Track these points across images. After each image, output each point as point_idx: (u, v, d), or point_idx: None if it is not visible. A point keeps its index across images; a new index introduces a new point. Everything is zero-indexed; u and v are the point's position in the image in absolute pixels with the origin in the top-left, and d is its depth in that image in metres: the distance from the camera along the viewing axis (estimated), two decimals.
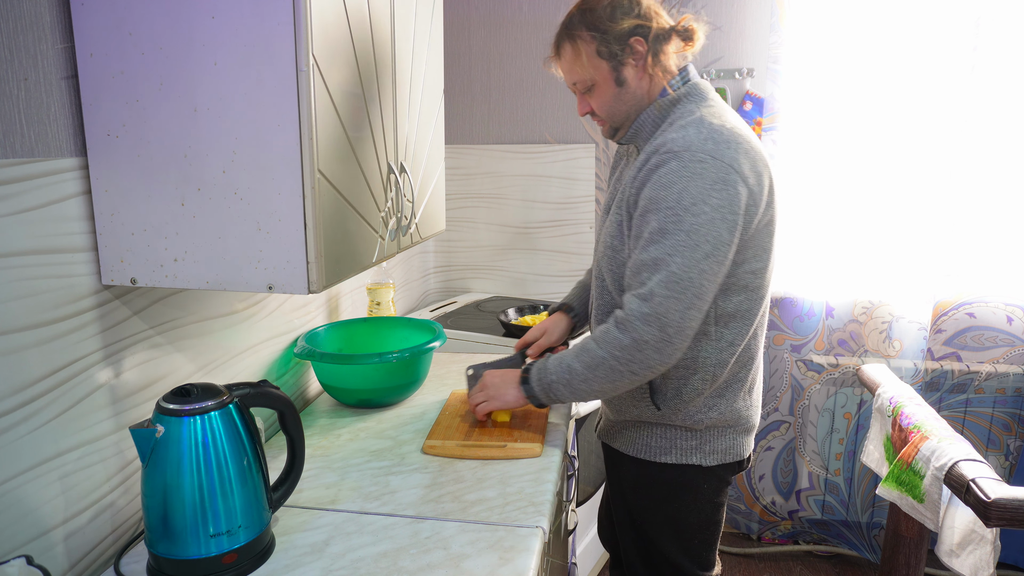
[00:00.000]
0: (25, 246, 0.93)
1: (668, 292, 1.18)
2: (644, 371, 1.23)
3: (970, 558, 1.50)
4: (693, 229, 1.18)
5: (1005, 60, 2.19)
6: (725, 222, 1.19)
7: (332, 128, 1.06)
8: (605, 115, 1.37)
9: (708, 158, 1.19)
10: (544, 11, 2.55)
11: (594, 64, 1.31)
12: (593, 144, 2.59)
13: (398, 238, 1.39)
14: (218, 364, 1.37)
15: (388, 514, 1.19)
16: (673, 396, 1.34)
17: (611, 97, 1.33)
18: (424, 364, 1.68)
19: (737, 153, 1.22)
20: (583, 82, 1.34)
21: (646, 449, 1.39)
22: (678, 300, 1.18)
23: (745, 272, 1.28)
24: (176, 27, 0.97)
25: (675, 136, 1.24)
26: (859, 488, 2.56)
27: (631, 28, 1.28)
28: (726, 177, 1.19)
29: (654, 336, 1.20)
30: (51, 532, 1.00)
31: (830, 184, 2.38)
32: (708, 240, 1.18)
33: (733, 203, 1.20)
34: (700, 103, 1.30)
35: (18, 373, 0.93)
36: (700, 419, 1.35)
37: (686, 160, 1.20)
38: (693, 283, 1.18)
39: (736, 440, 1.39)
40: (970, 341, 2.42)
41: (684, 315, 1.19)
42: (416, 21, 1.47)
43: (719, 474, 1.40)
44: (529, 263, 2.72)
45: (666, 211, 1.19)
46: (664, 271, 1.19)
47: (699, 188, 1.18)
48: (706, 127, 1.23)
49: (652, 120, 1.33)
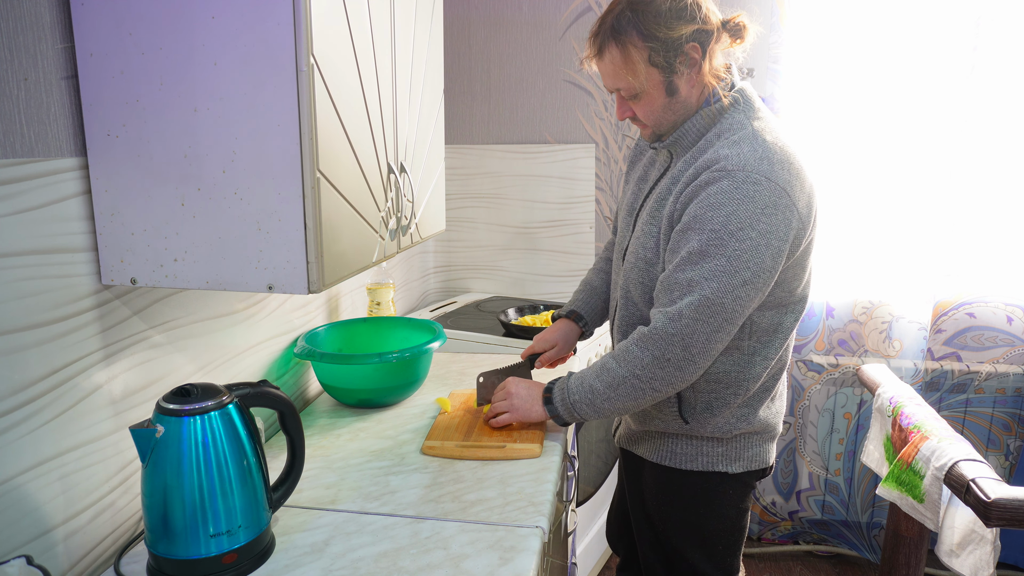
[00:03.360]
0: (25, 246, 0.93)
1: (698, 315, 1.14)
2: (666, 388, 1.21)
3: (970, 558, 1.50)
4: (735, 255, 1.13)
5: (1005, 60, 2.19)
6: (770, 248, 1.14)
7: (332, 128, 1.06)
8: (652, 123, 1.28)
9: (763, 179, 1.13)
10: (544, 11, 2.55)
11: (647, 73, 1.20)
12: (593, 144, 2.59)
13: (398, 238, 1.39)
14: (218, 364, 1.37)
15: (388, 514, 1.19)
16: (703, 410, 1.31)
17: (660, 107, 1.24)
18: (424, 364, 1.68)
19: (791, 175, 1.16)
20: (629, 89, 1.23)
21: (671, 456, 1.37)
22: (707, 324, 1.15)
23: (783, 291, 1.25)
24: (176, 27, 0.97)
25: (728, 153, 1.17)
26: (859, 488, 2.56)
27: (689, 35, 1.17)
28: (778, 201, 1.14)
29: (677, 356, 1.17)
30: (51, 532, 1.00)
31: (830, 184, 2.38)
32: (749, 267, 1.13)
33: (781, 229, 1.15)
34: (750, 114, 1.24)
35: (18, 373, 0.93)
36: (729, 429, 1.32)
37: (739, 180, 1.13)
38: (726, 308, 1.14)
39: (762, 447, 1.37)
40: (970, 341, 2.42)
41: (711, 338, 1.16)
42: (416, 21, 1.47)
43: (744, 480, 1.37)
44: (529, 263, 2.72)
45: (710, 233, 1.14)
46: (697, 294, 1.14)
47: (749, 212, 1.12)
48: (760, 145, 1.17)
49: (697, 128, 1.25)
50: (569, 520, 1.75)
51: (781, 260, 1.17)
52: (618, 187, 2.60)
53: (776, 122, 1.26)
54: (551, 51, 2.56)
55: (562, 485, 1.54)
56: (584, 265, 2.66)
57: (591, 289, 1.63)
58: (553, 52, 2.56)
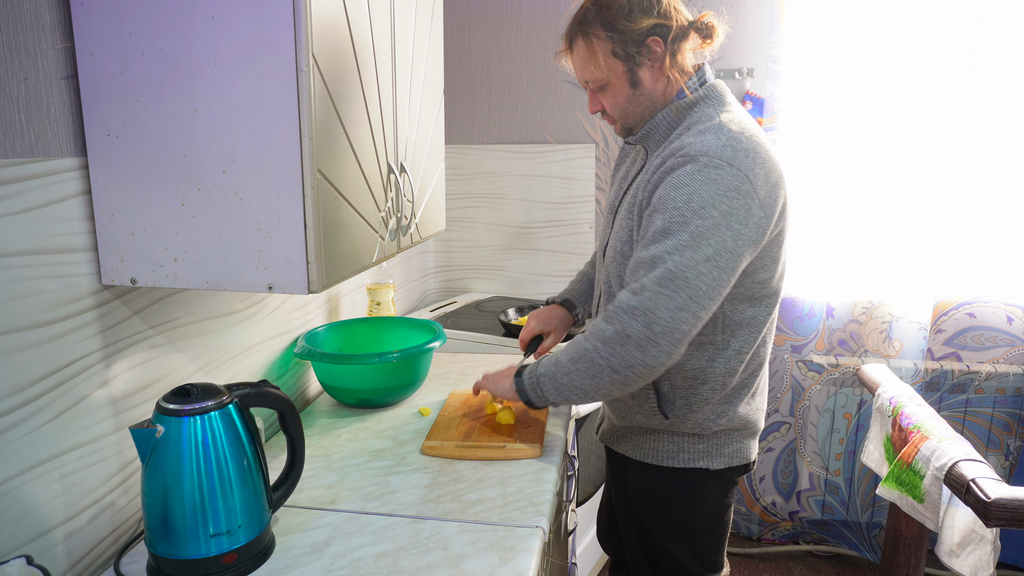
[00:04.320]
0: (25, 246, 0.93)
1: (660, 288, 1.15)
2: (625, 370, 1.18)
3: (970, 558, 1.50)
4: (697, 232, 1.15)
5: (1005, 60, 2.19)
6: (731, 230, 1.16)
7: (332, 128, 1.06)
8: (618, 115, 1.33)
9: (725, 165, 1.16)
10: (544, 11, 2.55)
11: (609, 64, 1.26)
12: (593, 144, 2.59)
13: (398, 238, 1.39)
14: (218, 364, 1.37)
15: (388, 514, 1.19)
16: (682, 405, 1.32)
17: (625, 98, 1.29)
18: (424, 364, 1.68)
19: (754, 163, 1.18)
20: (596, 81, 1.29)
21: (653, 454, 1.38)
22: (669, 298, 1.14)
23: (754, 283, 1.26)
24: (176, 27, 0.97)
25: (693, 140, 1.20)
26: (859, 488, 2.56)
27: (649, 28, 1.23)
28: (740, 186, 1.16)
29: (638, 331, 1.15)
30: (51, 532, 1.00)
31: (830, 184, 2.38)
32: (711, 244, 1.15)
33: (742, 213, 1.17)
34: (719, 107, 1.27)
35: (18, 373, 0.93)
36: (708, 426, 1.33)
37: (702, 164, 1.17)
38: (688, 283, 1.14)
39: (743, 444, 1.38)
40: (970, 341, 2.42)
41: (674, 315, 1.15)
42: (416, 21, 1.47)
43: (726, 476, 1.39)
44: (529, 263, 2.72)
45: (673, 211, 1.17)
46: (660, 268, 1.15)
47: (710, 193, 1.15)
48: (725, 133, 1.20)
49: (667, 122, 1.29)
50: (569, 520, 1.75)
51: (745, 245, 1.18)
52: None
53: (745, 116, 1.28)
54: (551, 51, 2.56)
55: (562, 485, 1.54)
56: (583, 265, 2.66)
57: (587, 279, 1.66)
58: (553, 52, 2.55)
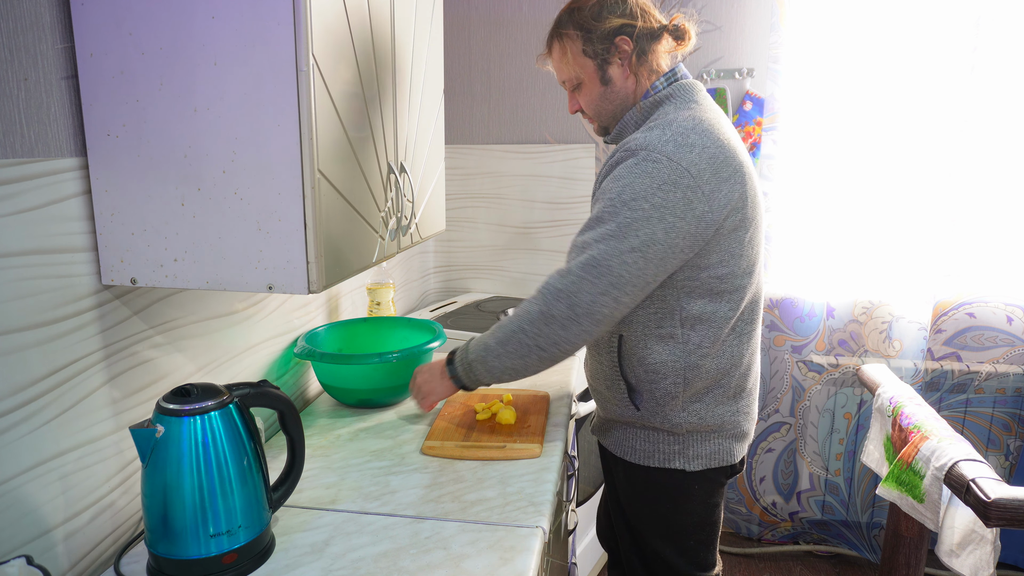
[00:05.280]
0: (25, 246, 0.93)
1: (584, 273, 1.20)
2: (551, 347, 1.25)
3: (970, 558, 1.50)
4: (625, 222, 1.19)
5: (1005, 60, 2.19)
6: (663, 222, 1.18)
7: (332, 128, 1.06)
8: (592, 113, 1.39)
9: (663, 159, 1.19)
10: (544, 11, 2.55)
11: (580, 62, 1.33)
12: (593, 144, 2.59)
13: (398, 238, 1.39)
14: (218, 364, 1.37)
15: (388, 514, 1.19)
16: (649, 399, 1.33)
17: (597, 96, 1.35)
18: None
19: (700, 157, 1.19)
20: (571, 80, 1.36)
21: (632, 452, 1.39)
22: (592, 283, 1.20)
23: (710, 277, 1.26)
24: (176, 27, 0.97)
25: (639, 136, 1.24)
26: (859, 488, 2.56)
27: (617, 27, 1.29)
28: (678, 180, 1.18)
29: (562, 312, 1.22)
30: (51, 532, 1.00)
31: (830, 184, 2.38)
32: (638, 235, 1.18)
33: (679, 207, 1.18)
34: (682, 105, 1.29)
35: (18, 373, 0.93)
36: (678, 423, 1.33)
37: (641, 158, 1.21)
38: (612, 271, 1.19)
39: (722, 445, 1.36)
40: (970, 341, 2.42)
41: (596, 300, 1.20)
42: (416, 21, 1.47)
43: (709, 476, 1.38)
44: (529, 263, 2.72)
45: (607, 201, 1.21)
46: (587, 254, 1.21)
47: (644, 186, 1.19)
48: (673, 128, 1.22)
49: (634, 121, 1.34)
50: (569, 520, 1.75)
51: (680, 237, 1.19)
52: None
53: (709, 113, 1.27)
54: None
55: (562, 485, 1.54)
56: None
57: None
58: None
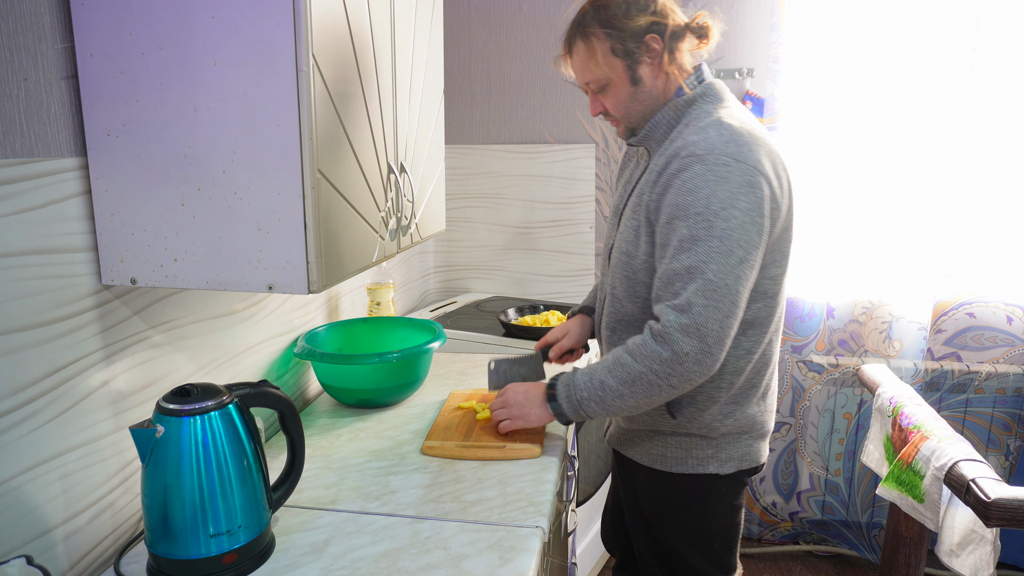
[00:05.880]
0: (25, 246, 0.93)
1: (707, 301, 1.15)
2: (684, 384, 1.20)
3: (970, 558, 1.50)
4: (725, 234, 1.15)
5: (1005, 60, 2.19)
6: (755, 225, 1.16)
7: (332, 128, 1.06)
8: (620, 115, 1.33)
9: (732, 161, 1.16)
10: (544, 11, 2.55)
11: (609, 63, 1.27)
12: (593, 144, 2.59)
13: (398, 238, 1.39)
14: (218, 364, 1.37)
15: (388, 514, 1.19)
16: (688, 404, 1.31)
17: (626, 96, 1.30)
18: (424, 364, 1.68)
19: (760, 155, 1.19)
20: (597, 81, 1.30)
21: (661, 460, 1.37)
22: (717, 309, 1.15)
23: (765, 278, 1.25)
24: (176, 27, 0.97)
25: (696, 139, 1.20)
26: (859, 488, 2.56)
27: (647, 25, 1.24)
28: (752, 180, 1.16)
29: (695, 348, 1.16)
30: (51, 532, 1.00)
31: (830, 184, 2.38)
32: (741, 245, 1.15)
33: (760, 206, 1.17)
34: (716, 104, 1.27)
35: (18, 373, 0.93)
36: (716, 427, 1.32)
37: (710, 163, 1.16)
38: (730, 290, 1.15)
39: (752, 446, 1.37)
40: (970, 341, 2.42)
41: (723, 324, 1.16)
42: (416, 21, 1.47)
43: (737, 478, 1.37)
44: (529, 263, 2.72)
45: (695, 217, 1.16)
46: (700, 279, 1.15)
47: (727, 192, 1.15)
48: (726, 129, 1.20)
49: (667, 121, 1.30)
50: (569, 520, 1.75)
51: (764, 236, 1.19)
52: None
53: (744, 112, 1.29)
54: (551, 51, 2.56)
55: (562, 485, 1.54)
56: (584, 265, 2.66)
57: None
58: (553, 52, 2.56)
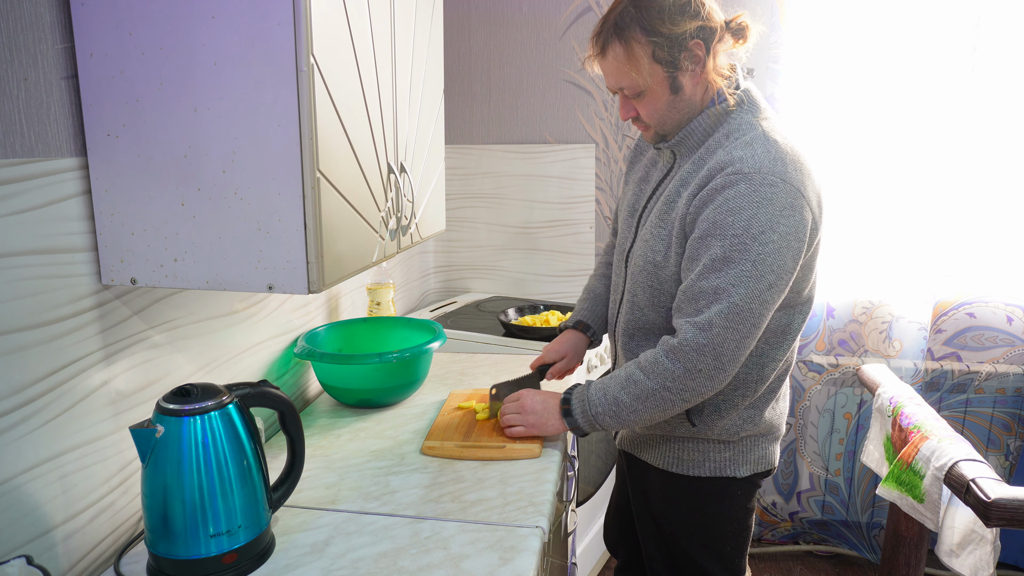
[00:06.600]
0: (25, 246, 0.93)
1: (727, 323, 1.14)
2: (695, 398, 1.21)
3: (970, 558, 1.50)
4: (759, 259, 1.13)
5: (1005, 60, 2.19)
6: (791, 250, 1.15)
7: (332, 128, 1.06)
8: (655, 122, 1.26)
9: (779, 181, 1.13)
10: (544, 11, 2.55)
11: (651, 70, 1.19)
12: (593, 144, 2.59)
13: (398, 238, 1.39)
14: (218, 364, 1.37)
15: (388, 514, 1.19)
16: (711, 412, 1.31)
17: (664, 104, 1.23)
18: (424, 364, 1.68)
19: (803, 176, 1.17)
20: (633, 87, 1.22)
21: (677, 463, 1.36)
22: (736, 331, 1.15)
23: (792, 292, 1.25)
24: (176, 27, 0.97)
25: (742, 155, 1.16)
26: (859, 488, 2.56)
27: (692, 31, 1.17)
28: (794, 202, 1.14)
29: (708, 366, 1.16)
30: (51, 532, 1.00)
31: (830, 184, 2.38)
32: (773, 270, 1.14)
33: (800, 229, 1.15)
34: (756, 114, 1.24)
35: (18, 373, 0.93)
36: (736, 432, 1.32)
37: (756, 183, 1.13)
38: (753, 314, 1.15)
39: (768, 449, 1.37)
40: (970, 341, 2.42)
41: (740, 344, 1.16)
42: (416, 21, 1.47)
43: (751, 480, 1.37)
44: (529, 263, 2.72)
45: (732, 238, 1.13)
46: (725, 301, 1.14)
47: (768, 215, 1.12)
48: (772, 146, 1.17)
49: (703, 128, 1.24)
50: (569, 520, 1.74)
51: (800, 260, 1.18)
52: (618, 187, 2.60)
53: (782, 123, 1.26)
54: (551, 51, 2.56)
55: (562, 485, 1.54)
56: (584, 265, 2.66)
57: (595, 296, 1.61)
58: (553, 52, 2.56)
